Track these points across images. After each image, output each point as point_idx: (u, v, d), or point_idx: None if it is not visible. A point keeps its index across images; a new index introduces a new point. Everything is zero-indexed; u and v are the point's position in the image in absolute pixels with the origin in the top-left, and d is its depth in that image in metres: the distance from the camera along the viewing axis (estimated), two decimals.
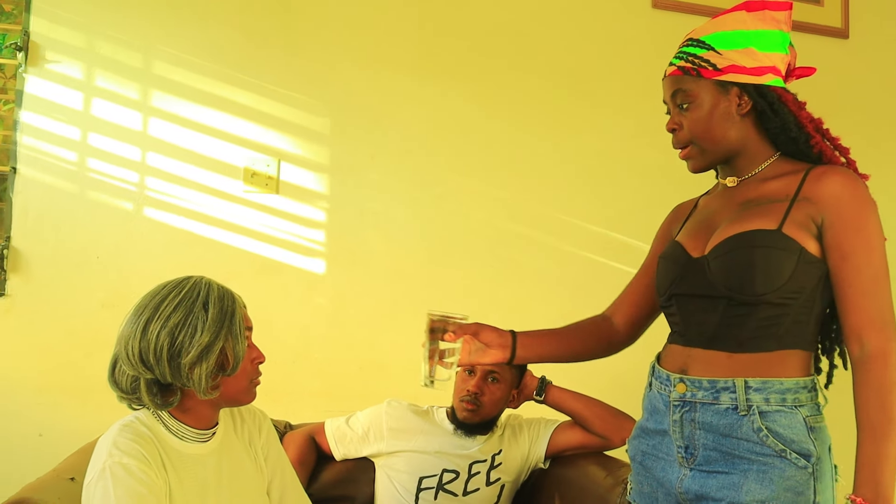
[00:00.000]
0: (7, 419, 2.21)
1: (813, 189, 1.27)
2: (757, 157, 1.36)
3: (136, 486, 1.26)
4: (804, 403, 1.24)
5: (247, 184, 2.37)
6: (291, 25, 2.45)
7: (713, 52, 1.31)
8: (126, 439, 1.31)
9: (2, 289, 2.22)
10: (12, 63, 2.30)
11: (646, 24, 2.69)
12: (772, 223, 1.26)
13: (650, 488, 1.38)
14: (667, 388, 1.33)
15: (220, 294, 1.38)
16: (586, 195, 2.62)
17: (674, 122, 1.37)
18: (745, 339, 1.26)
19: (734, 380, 1.24)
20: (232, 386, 1.39)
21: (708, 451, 1.27)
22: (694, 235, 1.39)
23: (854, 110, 2.84)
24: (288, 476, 1.58)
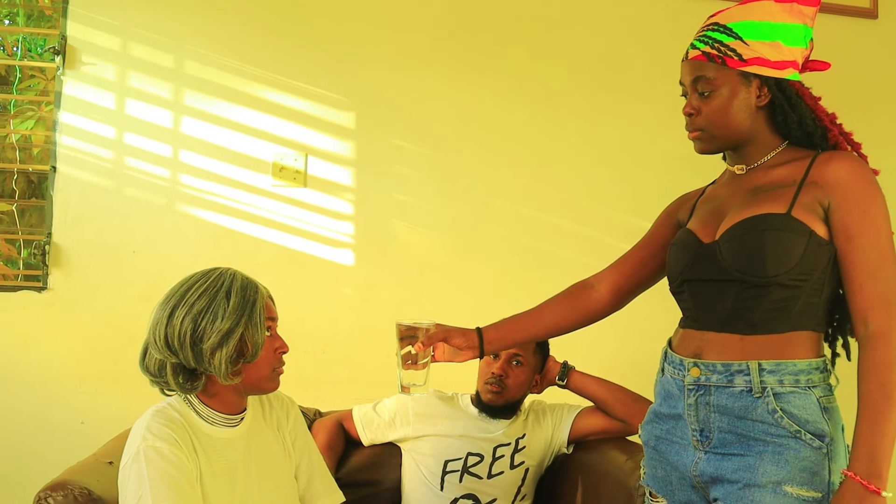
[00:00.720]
0: (50, 408, 2.29)
1: (820, 173, 1.28)
2: (766, 147, 1.38)
3: (167, 468, 1.33)
4: (817, 384, 1.25)
5: (275, 178, 2.42)
6: (317, 24, 2.49)
7: (740, 41, 1.31)
8: (159, 424, 1.38)
9: (44, 283, 2.30)
10: (51, 66, 2.38)
11: (667, 10, 2.67)
12: (781, 207, 1.27)
13: (664, 472, 1.40)
14: (680, 373, 1.35)
15: (242, 284, 1.44)
16: (610, 182, 2.62)
17: (692, 106, 1.37)
18: (757, 320, 1.27)
19: (748, 362, 1.26)
20: (253, 373, 1.44)
21: (723, 434, 1.28)
22: (705, 222, 1.41)
23: (884, 90, 2.81)
24: (315, 460, 1.63)
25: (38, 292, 2.30)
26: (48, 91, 2.53)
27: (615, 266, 1.63)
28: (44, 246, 2.29)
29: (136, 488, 1.32)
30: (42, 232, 2.32)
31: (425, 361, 1.52)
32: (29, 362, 2.29)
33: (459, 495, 1.95)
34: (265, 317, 1.44)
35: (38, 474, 2.13)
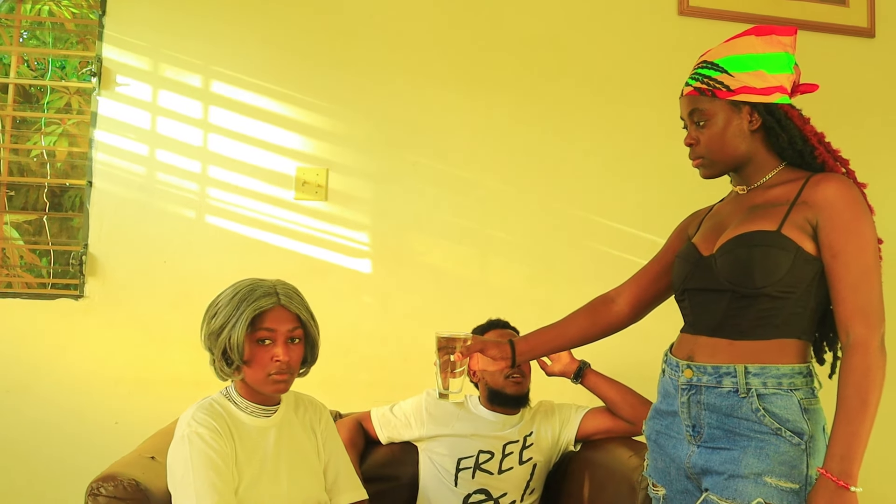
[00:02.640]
0: (86, 409, 2.39)
1: (810, 194, 1.40)
2: (764, 167, 1.49)
3: (208, 451, 1.51)
4: (799, 387, 1.36)
5: (298, 192, 2.52)
6: (338, 45, 2.59)
7: (726, 74, 1.45)
8: (202, 414, 1.57)
9: (81, 291, 2.42)
10: (88, 87, 2.52)
11: (672, 30, 2.78)
12: (772, 224, 1.39)
13: (664, 464, 1.53)
14: (676, 374, 1.47)
15: (247, 292, 1.61)
16: (618, 196, 2.71)
17: (691, 137, 1.51)
18: (746, 327, 1.39)
19: (735, 365, 1.38)
20: (250, 375, 1.62)
21: (712, 430, 1.40)
22: (706, 237, 1.53)
23: (881, 109, 2.89)
24: (342, 460, 1.79)
25: (76, 300, 2.42)
26: (84, 111, 2.67)
27: (633, 280, 1.75)
28: (80, 256, 2.42)
29: (181, 468, 1.51)
30: (79, 243, 2.45)
31: (462, 370, 1.64)
32: (66, 366, 2.40)
33: (472, 490, 2.06)
34: (259, 326, 1.59)
35: (76, 469, 2.29)
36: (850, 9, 2.86)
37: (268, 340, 1.61)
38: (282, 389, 1.64)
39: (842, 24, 2.86)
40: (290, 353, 1.62)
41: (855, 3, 2.87)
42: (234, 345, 1.58)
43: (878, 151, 2.85)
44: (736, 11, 2.77)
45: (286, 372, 1.62)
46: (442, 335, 1.63)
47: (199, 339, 2.36)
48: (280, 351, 1.60)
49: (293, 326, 1.63)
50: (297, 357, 1.65)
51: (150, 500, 1.55)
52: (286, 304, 1.63)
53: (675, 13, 2.79)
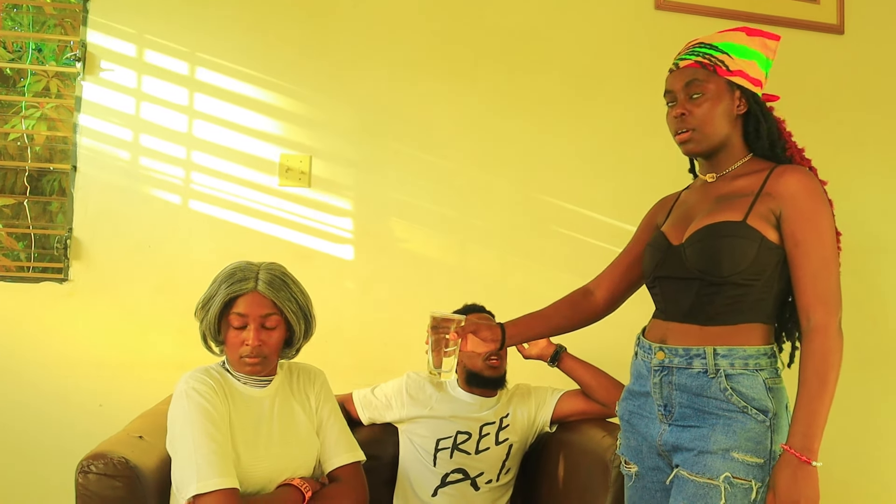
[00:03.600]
0: (71, 391, 2.41)
1: (774, 185, 1.46)
2: (734, 156, 1.56)
3: (204, 404, 1.59)
4: (764, 367, 1.44)
5: (282, 178, 2.56)
6: (322, 34, 2.62)
7: (726, 55, 1.51)
8: (199, 374, 1.67)
9: (66, 275, 2.44)
10: (72, 71, 2.53)
11: (649, 24, 2.84)
12: (738, 215, 1.46)
13: (636, 442, 1.60)
14: (649, 356, 1.54)
15: (229, 274, 1.70)
16: (594, 185, 2.77)
17: (684, 107, 1.52)
18: (714, 313, 1.46)
19: (704, 348, 1.45)
20: (228, 355, 1.72)
21: (683, 409, 1.48)
22: (675, 226, 1.59)
23: (849, 104, 2.98)
24: (338, 423, 1.85)
25: (60, 283, 2.43)
26: (66, 95, 2.67)
27: (607, 273, 1.81)
28: (65, 240, 2.43)
29: (180, 421, 1.59)
30: (63, 227, 2.47)
31: (454, 349, 1.65)
32: (51, 348, 2.41)
33: (450, 469, 2.13)
34: (233, 310, 1.67)
35: (61, 451, 2.32)
36: (821, 6, 2.94)
37: (241, 324, 1.67)
38: (255, 372, 1.71)
39: (812, 21, 2.94)
40: (261, 338, 1.67)
41: (825, 1, 2.95)
42: (209, 323, 1.68)
43: (844, 145, 2.95)
44: (711, 7, 2.84)
45: (257, 356, 1.67)
46: (437, 315, 1.65)
47: (182, 323, 2.42)
48: (250, 336, 1.66)
49: (267, 312, 1.68)
50: (271, 342, 1.70)
51: (140, 477, 1.59)
52: (262, 291, 1.68)
53: (653, 7, 2.85)
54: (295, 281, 1.76)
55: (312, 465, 1.78)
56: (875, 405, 2.92)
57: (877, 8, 3.02)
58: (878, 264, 2.94)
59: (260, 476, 1.65)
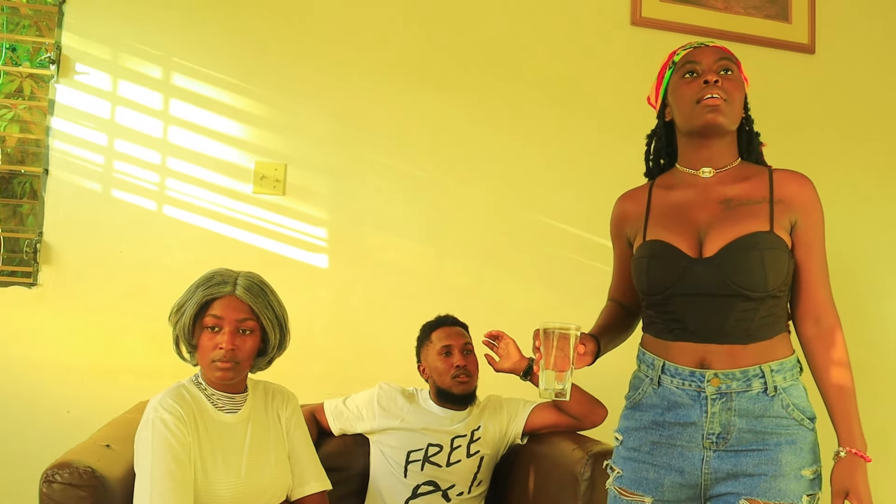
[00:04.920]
0: (38, 397, 2.38)
1: (784, 192, 1.45)
2: (731, 154, 1.52)
3: (168, 437, 1.57)
4: (798, 375, 1.44)
5: (257, 186, 2.55)
6: (299, 41, 2.62)
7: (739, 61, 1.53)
8: (169, 400, 1.62)
9: (35, 279, 2.40)
10: (46, 74, 2.51)
11: (625, 39, 2.88)
12: (764, 225, 1.41)
13: (656, 474, 1.47)
14: (693, 383, 1.43)
15: (206, 278, 1.69)
16: (567, 199, 2.78)
17: (716, 75, 1.46)
18: (753, 330, 1.40)
19: (760, 366, 1.39)
20: (200, 360, 1.70)
21: (742, 434, 1.40)
22: (678, 233, 1.47)
23: (820, 121, 3.04)
24: (307, 450, 1.85)
25: (29, 288, 2.40)
26: (40, 98, 2.65)
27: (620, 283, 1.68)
28: (35, 244, 2.40)
29: (142, 450, 1.57)
30: (34, 231, 2.44)
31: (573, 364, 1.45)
32: (18, 353, 2.38)
33: (421, 482, 2.13)
34: (209, 312, 1.66)
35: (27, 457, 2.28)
36: (793, 25, 3.00)
37: (216, 327, 1.66)
38: (226, 378, 1.68)
39: (784, 40, 2.99)
40: (235, 343, 1.65)
41: (797, 21, 3.00)
42: (183, 326, 1.66)
43: (813, 162, 2.97)
44: (686, 24, 2.88)
45: (229, 360, 1.65)
46: (555, 329, 1.42)
47: (153, 330, 2.40)
48: (224, 339, 1.64)
49: (243, 317, 1.67)
50: (245, 348, 1.68)
51: (106, 487, 1.56)
52: (240, 295, 1.67)
53: (628, 23, 2.88)
54: (273, 291, 1.76)
55: (285, 493, 1.77)
56: None
57: (847, 29, 3.09)
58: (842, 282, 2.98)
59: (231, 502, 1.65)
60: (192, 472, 1.59)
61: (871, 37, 3.11)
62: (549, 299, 2.74)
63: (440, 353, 2.18)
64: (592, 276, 2.77)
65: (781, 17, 2.99)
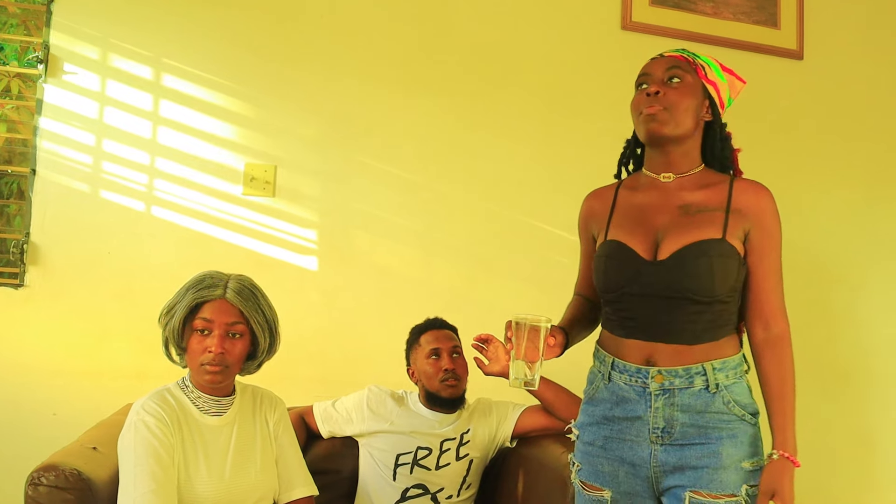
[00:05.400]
0: (24, 399, 2.36)
1: (743, 202, 1.50)
2: (691, 160, 1.56)
3: (150, 439, 1.56)
4: (743, 372, 1.50)
5: (246, 187, 2.54)
6: (290, 43, 2.62)
7: (707, 66, 1.56)
8: (152, 403, 1.62)
9: (21, 280, 2.39)
10: (34, 73, 2.49)
11: (615, 44, 2.88)
12: (717, 232, 1.47)
13: (611, 467, 1.53)
14: (639, 380, 1.49)
15: (197, 280, 1.68)
16: (557, 203, 2.77)
17: (658, 87, 1.51)
18: (700, 331, 1.47)
19: (703, 364, 1.46)
20: (189, 363, 1.69)
21: (685, 428, 1.46)
22: (636, 235, 1.52)
23: (807, 126, 3.06)
24: (294, 455, 1.84)
25: (15, 289, 2.38)
26: (27, 97, 2.63)
27: (585, 279, 1.73)
28: (22, 245, 2.39)
29: (125, 453, 1.57)
30: (20, 231, 2.42)
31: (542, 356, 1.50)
32: (4, 354, 2.36)
33: (410, 485, 2.12)
34: (199, 315, 1.65)
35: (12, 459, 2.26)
36: (781, 31, 3.02)
37: (206, 330, 1.65)
38: (215, 381, 1.67)
39: (773, 46, 3.01)
40: (225, 346, 1.65)
41: (786, 27, 3.02)
42: (173, 328, 1.65)
43: (801, 167, 3.02)
44: (677, 29, 2.89)
45: (219, 364, 1.64)
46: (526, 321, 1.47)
47: (141, 331, 2.39)
48: (214, 342, 1.64)
49: (233, 321, 1.67)
50: (235, 352, 1.68)
51: (93, 489, 1.56)
52: (230, 299, 1.67)
53: (619, 27, 2.89)
54: (264, 295, 1.75)
55: (272, 498, 1.76)
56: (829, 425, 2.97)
57: (835, 35, 3.11)
58: (830, 283, 3.01)
59: None
60: (175, 474, 1.58)
61: (859, 43, 3.14)
62: (539, 303, 2.70)
63: (429, 357, 2.18)
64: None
65: (770, 23, 3.01)
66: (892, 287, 3.09)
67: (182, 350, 1.70)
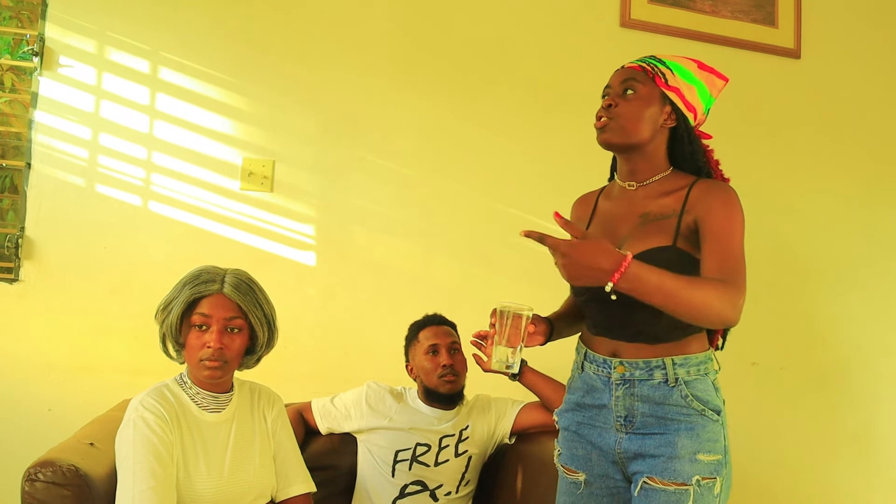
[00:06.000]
0: (19, 395, 2.35)
1: (693, 201, 1.52)
2: (655, 167, 1.60)
3: (150, 436, 1.55)
4: (709, 371, 1.53)
5: (244, 182, 2.52)
6: (288, 37, 2.60)
7: (669, 71, 1.58)
8: (151, 399, 1.60)
9: (16, 275, 2.37)
10: (29, 66, 2.47)
11: (614, 42, 2.88)
12: (667, 239, 1.51)
13: (584, 451, 1.62)
14: (604, 370, 1.57)
15: (194, 276, 1.66)
16: (554, 199, 2.74)
17: (613, 99, 1.58)
18: (658, 333, 1.52)
19: (663, 359, 1.51)
20: (187, 359, 1.67)
21: (645, 418, 1.52)
22: None
23: (805, 125, 3.06)
24: (292, 452, 1.83)
25: (10, 283, 2.37)
26: (22, 90, 2.60)
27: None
28: (17, 239, 2.37)
29: (124, 450, 1.55)
30: (15, 226, 2.40)
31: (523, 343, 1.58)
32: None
33: (409, 481, 2.12)
34: (197, 310, 1.64)
35: (7, 455, 2.25)
36: (779, 30, 3.02)
37: (204, 326, 1.64)
38: (214, 376, 1.66)
39: (770, 44, 3.01)
40: (223, 341, 1.64)
41: (784, 26, 3.03)
42: (171, 324, 1.63)
43: (797, 166, 3.02)
44: (675, 27, 2.89)
45: (218, 359, 1.63)
46: (508, 308, 1.57)
47: (137, 327, 2.37)
48: (212, 338, 1.63)
49: (231, 315, 1.66)
50: (234, 346, 1.67)
51: (90, 485, 1.55)
52: (228, 293, 1.65)
53: (618, 25, 2.89)
54: (261, 289, 1.74)
55: (270, 494, 1.75)
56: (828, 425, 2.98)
57: (833, 34, 3.11)
58: (825, 282, 3.02)
59: (214, 502, 1.63)
60: (175, 471, 1.57)
61: (857, 42, 3.14)
62: (537, 298, 2.71)
63: (427, 353, 2.18)
64: None
65: (768, 22, 3.01)
66: (890, 286, 3.10)
67: (180, 346, 1.69)
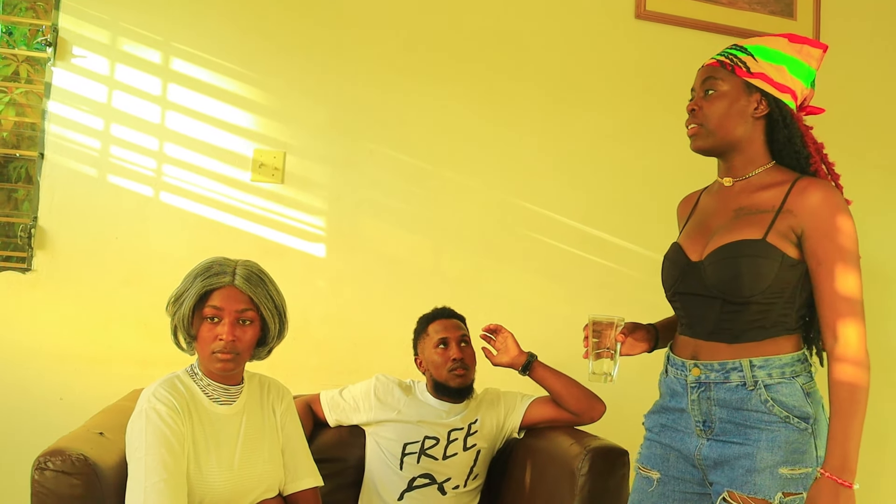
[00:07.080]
0: (31, 384, 2.36)
1: (795, 201, 1.43)
2: (754, 161, 1.52)
3: (162, 428, 1.54)
4: (800, 374, 1.43)
5: (255, 173, 2.52)
6: (300, 29, 2.60)
7: (751, 57, 1.49)
8: (163, 390, 1.60)
9: (29, 264, 2.38)
10: (42, 56, 2.48)
11: (629, 33, 2.85)
12: (758, 233, 1.43)
13: (662, 451, 1.58)
14: (683, 373, 1.52)
15: (205, 268, 1.66)
16: (567, 193, 2.77)
17: (695, 103, 1.53)
18: (738, 331, 1.45)
19: (740, 360, 1.44)
20: (199, 351, 1.67)
21: (723, 424, 1.46)
22: (693, 238, 1.56)
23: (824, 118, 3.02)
24: (300, 445, 1.83)
25: (23, 273, 2.38)
26: (35, 80, 2.61)
27: None
28: (29, 229, 2.38)
29: (136, 441, 1.55)
30: (28, 216, 2.41)
31: (617, 352, 1.63)
32: (11, 339, 2.35)
33: (417, 474, 2.11)
34: (208, 303, 1.63)
35: (19, 444, 2.26)
36: (798, 22, 2.98)
37: (216, 318, 1.64)
38: (227, 369, 1.66)
39: None
40: (236, 333, 1.63)
41: (802, 18, 2.99)
42: (182, 317, 1.63)
43: None
44: (691, 18, 2.86)
45: (230, 352, 1.63)
46: (598, 319, 1.62)
47: (148, 317, 2.38)
48: (224, 330, 1.63)
49: (243, 307, 1.65)
50: (246, 338, 1.67)
51: (99, 475, 1.55)
52: (239, 285, 1.65)
53: (633, 17, 2.86)
54: (272, 280, 1.74)
55: (278, 487, 1.75)
56: None
57: (852, 26, 3.07)
58: None
59: (224, 495, 1.63)
60: (186, 463, 1.57)
61: (876, 34, 3.10)
62: (547, 292, 2.73)
63: (437, 346, 2.17)
64: (591, 270, 2.77)
65: (786, 14, 2.98)
66: None
67: (191, 338, 1.69)
